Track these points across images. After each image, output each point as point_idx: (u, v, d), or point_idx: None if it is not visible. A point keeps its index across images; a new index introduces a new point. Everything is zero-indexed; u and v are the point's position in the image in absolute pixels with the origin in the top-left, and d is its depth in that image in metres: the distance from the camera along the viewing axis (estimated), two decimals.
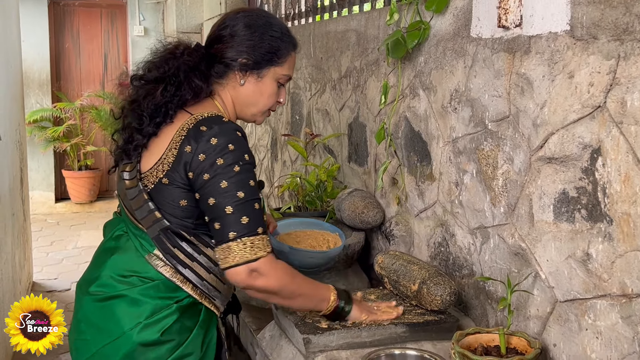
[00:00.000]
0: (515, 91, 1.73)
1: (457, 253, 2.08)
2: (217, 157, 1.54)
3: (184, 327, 1.63)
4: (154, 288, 1.62)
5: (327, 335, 1.76)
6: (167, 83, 1.66)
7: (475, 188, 1.95)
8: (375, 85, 2.59)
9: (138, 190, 1.64)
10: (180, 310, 1.63)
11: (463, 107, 1.98)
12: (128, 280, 1.63)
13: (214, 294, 1.68)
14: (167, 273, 1.63)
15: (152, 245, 1.64)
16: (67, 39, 8.09)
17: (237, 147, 1.57)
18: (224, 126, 1.59)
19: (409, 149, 2.33)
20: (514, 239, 1.78)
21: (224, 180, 1.53)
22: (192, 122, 1.59)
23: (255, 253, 1.54)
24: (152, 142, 1.66)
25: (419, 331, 1.83)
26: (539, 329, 1.70)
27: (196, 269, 1.65)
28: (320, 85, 3.23)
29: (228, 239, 1.53)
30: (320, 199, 2.76)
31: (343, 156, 2.96)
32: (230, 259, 1.54)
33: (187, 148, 1.56)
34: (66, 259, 5.74)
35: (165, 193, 1.61)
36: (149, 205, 1.62)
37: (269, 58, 1.71)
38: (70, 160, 7.78)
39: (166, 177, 1.59)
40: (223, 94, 1.73)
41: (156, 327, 1.59)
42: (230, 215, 1.53)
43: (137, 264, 1.64)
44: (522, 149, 1.73)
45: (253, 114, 1.78)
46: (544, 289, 1.68)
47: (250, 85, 1.72)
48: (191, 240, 1.64)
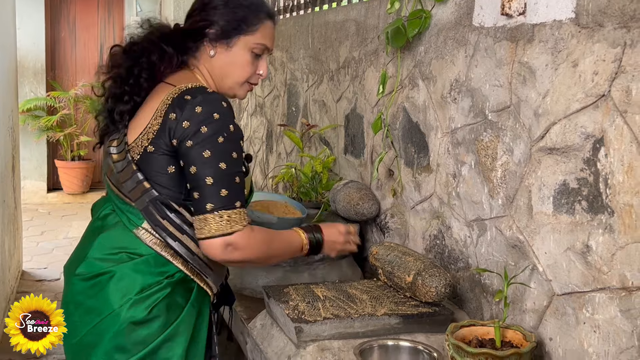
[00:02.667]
0: (517, 80, 1.70)
1: (452, 246, 2.05)
2: (201, 126, 1.53)
3: (175, 304, 1.60)
4: (143, 263, 1.59)
5: (319, 325, 1.73)
6: (143, 52, 1.68)
7: (473, 180, 1.92)
8: (373, 76, 2.55)
9: (126, 162, 1.62)
10: (170, 285, 1.60)
11: (463, 97, 1.95)
12: (117, 257, 1.60)
13: (206, 270, 1.65)
14: (156, 247, 1.60)
15: (140, 219, 1.61)
16: (63, 28, 8.02)
17: (222, 117, 1.56)
18: (209, 96, 1.59)
19: (406, 140, 2.30)
20: (511, 231, 1.75)
21: (207, 150, 1.52)
22: (177, 92, 1.59)
23: (231, 227, 1.52)
24: (138, 113, 1.66)
25: (413, 323, 1.81)
26: (535, 322, 1.67)
27: (186, 242, 1.62)
28: (318, 76, 3.20)
29: (205, 210, 1.52)
30: (315, 191, 2.73)
31: (339, 148, 2.93)
32: (206, 230, 1.52)
33: (172, 115, 1.56)
34: (56, 249, 5.70)
35: (152, 161, 1.59)
36: (137, 176, 1.60)
37: (235, 26, 1.69)
38: (64, 150, 7.71)
39: (151, 144, 1.58)
40: (200, 67, 1.73)
41: (145, 303, 1.56)
42: (210, 186, 1.52)
43: (125, 240, 1.61)
44: (522, 139, 1.70)
45: (230, 87, 1.75)
46: (541, 281, 1.65)
47: (221, 56, 1.71)
48: (180, 211, 1.61)
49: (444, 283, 1.83)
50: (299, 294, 1.92)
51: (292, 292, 1.94)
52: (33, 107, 7.44)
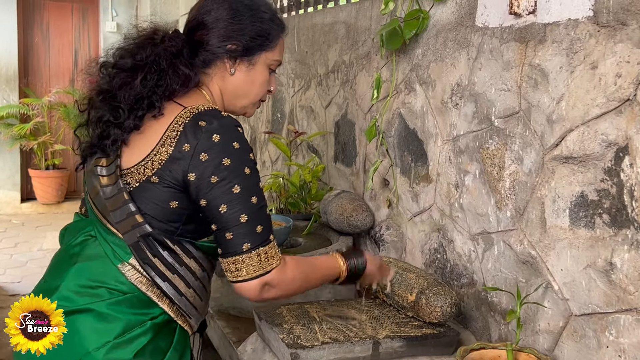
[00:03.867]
0: (528, 84, 1.59)
1: (455, 260, 1.93)
2: (222, 158, 1.36)
3: (158, 349, 1.43)
4: (126, 302, 1.41)
5: (317, 350, 1.60)
6: (147, 72, 1.47)
7: (478, 190, 1.80)
8: (366, 80, 2.43)
9: (117, 188, 1.43)
10: (154, 328, 1.43)
11: (466, 102, 1.83)
12: (95, 291, 1.41)
13: (190, 311, 1.49)
14: (142, 285, 1.42)
15: (127, 253, 1.43)
16: (36, 34, 7.80)
17: (242, 145, 1.40)
18: (224, 121, 1.41)
19: (402, 148, 2.18)
20: (522, 245, 1.63)
21: (235, 185, 1.36)
22: (188, 115, 1.41)
23: (270, 264, 1.40)
24: (134, 137, 1.47)
25: (417, 345, 1.68)
26: (550, 344, 1.55)
27: (176, 282, 1.45)
28: (305, 81, 3.07)
29: (242, 251, 1.38)
30: (304, 201, 2.60)
31: (329, 156, 2.80)
32: (244, 272, 1.39)
33: (186, 146, 1.37)
34: (31, 262, 5.48)
35: (152, 193, 1.41)
36: (129, 207, 1.42)
37: (260, 42, 1.53)
38: (37, 159, 7.48)
39: (156, 175, 1.40)
40: (211, 85, 1.55)
41: (129, 347, 1.38)
42: (245, 224, 1.37)
43: (106, 274, 1.43)
44: (533, 147, 1.58)
45: (244, 106, 1.60)
46: (557, 301, 1.53)
47: (241, 75, 1.54)
48: (174, 249, 1.44)
49: (450, 302, 1.71)
50: (293, 315, 1.78)
51: (285, 313, 1.80)
52: (5, 115, 7.20)
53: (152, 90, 1.46)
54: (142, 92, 1.46)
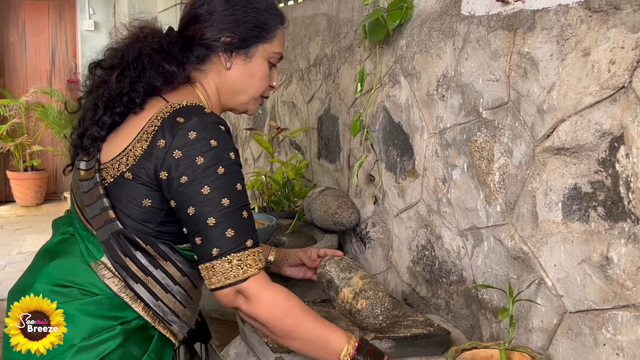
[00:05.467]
0: (517, 74, 1.53)
1: (444, 257, 1.87)
2: (196, 156, 1.29)
3: (130, 356, 1.36)
4: (96, 304, 1.35)
5: None
6: (125, 69, 1.43)
7: (466, 184, 1.74)
8: (348, 74, 2.36)
9: (93, 182, 1.38)
10: (125, 334, 1.36)
11: (452, 94, 1.78)
12: (65, 291, 1.36)
13: (170, 317, 1.42)
14: (114, 286, 1.36)
15: (100, 251, 1.37)
16: (12, 33, 7.66)
17: (221, 143, 1.31)
18: (205, 118, 1.33)
19: (387, 143, 2.12)
20: (513, 241, 1.57)
21: (205, 185, 1.28)
22: (168, 110, 1.35)
23: (243, 272, 1.29)
24: (114, 132, 1.43)
25: (406, 346, 1.61)
26: (544, 343, 1.50)
27: (150, 285, 1.38)
28: (286, 76, 3.00)
29: (211, 257, 1.29)
30: (287, 199, 2.53)
31: (312, 152, 2.73)
32: (215, 280, 1.30)
33: (160, 142, 1.31)
34: (9, 265, 5.38)
35: (126, 189, 1.36)
36: (103, 202, 1.36)
37: (256, 34, 1.47)
38: (15, 160, 7.36)
39: (130, 171, 1.34)
40: (205, 82, 1.49)
41: (92, 353, 1.32)
42: (213, 227, 1.28)
43: (79, 273, 1.37)
44: (523, 139, 1.52)
45: (244, 103, 1.53)
46: (550, 297, 1.47)
47: (238, 68, 1.48)
48: (147, 250, 1.37)
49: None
50: None
51: None
52: None
53: (130, 87, 1.41)
54: (118, 89, 1.41)
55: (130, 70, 1.42)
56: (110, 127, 1.43)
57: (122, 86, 1.41)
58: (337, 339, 1.35)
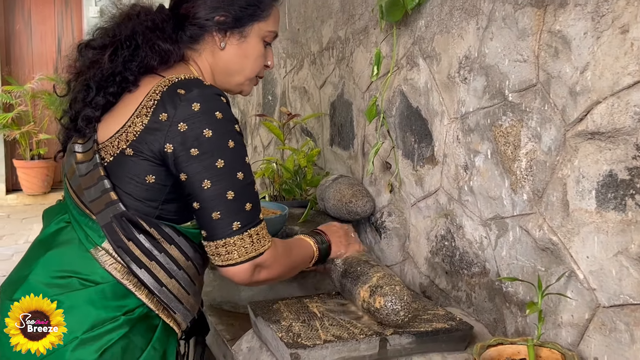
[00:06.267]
0: (547, 53, 1.44)
1: (465, 248, 1.79)
2: (203, 129, 1.26)
3: (133, 347, 1.31)
4: (98, 293, 1.30)
5: (320, 350, 1.46)
6: (118, 47, 1.38)
7: (490, 172, 1.66)
8: (363, 57, 2.27)
9: (93, 164, 1.33)
10: (129, 324, 1.31)
11: (475, 76, 1.69)
12: (65, 282, 1.30)
13: (174, 305, 1.37)
14: (116, 273, 1.31)
15: (101, 236, 1.32)
16: (18, 21, 7.61)
17: (225, 116, 1.30)
18: (206, 90, 1.31)
19: (404, 129, 2.03)
20: (542, 231, 1.49)
21: (219, 159, 1.27)
22: (167, 84, 1.31)
23: (262, 245, 1.34)
24: (110, 112, 1.38)
25: (427, 341, 1.54)
26: (574, 338, 1.42)
27: (154, 270, 1.33)
28: (297, 60, 2.91)
29: (231, 231, 1.30)
30: (299, 187, 2.46)
31: (324, 139, 2.65)
32: (235, 255, 1.31)
33: (163, 115, 1.28)
34: (17, 255, 5.35)
35: (127, 166, 1.31)
36: (104, 184, 1.31)
37: (251, 12, 1.44)
38: (22, 149, 7.33)
39: (131, 147, 1.30)
40: (199, 60, 1.46)
41: (95, 345, 1.27)
42: (233, 202, 1.28)
43: (78, 262, 1.32)
44: (553, 123, 1.44)
45: (239, 83, 1.50)
46: (582, 291, 1.39)
47: (232, 48, 1.45)
48: (151, 232, 1.32)
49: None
50: (292, 310, 1.64)
51: (282, 308, 1.65)
52: None
53: (124, 66, 1.37)
54: (112, 69, 1.37)
55: (124, 49, 1.38)
56: (105, 107, 1.39)
57: (114, 65, 1.37)
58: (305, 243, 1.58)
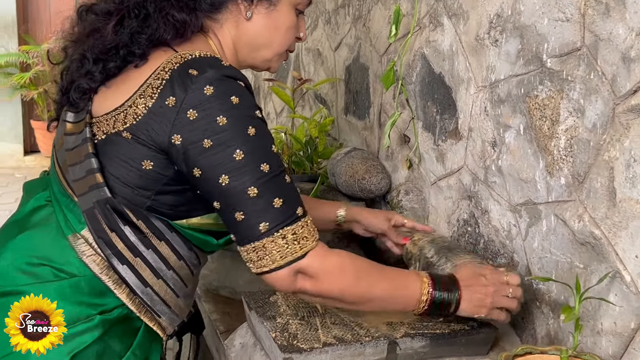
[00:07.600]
0: (595, 11, 1.21)
1: (490, 236, 1.59)
2: (216, 115, 1.11)
3: (110, 352, 1.19)
4: (72, 287, 1.18)
5: (317, 354, 1.28)
6: (125, 16, 1.22)
7: (522, 150, 1.45)
8: (382, 15, 2.08)
9: (82, 138, 1.20)
10: (105, 325, 1.18)
11: (508, 38, 1.47)
12: (36, 270, 1.19)
13: (159, 308, 1.23)
14: (95, 266, 1.18)
15: (81, 222, 1.19)
16: None
17: (243, 101, 1.14)
18: (222, 70, 1.15)
19: (425, 98, 1.83)
20: (582, 222, 1.28)
21: (237, 150, 1.11)
22: (178, 61, 1.15)
23: (301, 247, 1.15)
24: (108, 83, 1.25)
25: (443, 345, 1.36)
26: (617, 349, 1.22)
27: (139, 268, 1.19)
28: (311, 19, 2.73)
29: (260, 234, 1.13)
30: (310, 160, 2.30)
31: (338, 107, 2.48)
32: (268, 260, 1.14)
33: (170, 100, 1.12)
34: None
35: (122, 148, 1.16)
36: (90, 162, 1.17)
37: None
38: (40, 109, 7.27)
39: (128, 131, 1.15)
40: (220, 33, 1.30)
41: (65, 348, 1.16)
42: (256, 198, 1.12)
43: (53, 248, 1.20)
44: (600, 95, 1.21)
45: (266, 59, 1.34)
46: (628, 295, 1.18)
47: (260, 18, 1.29)
48: (138, 225, 1.18)
49: None
50: (290, 305, 1.45)
51: (280, 301, 1.47)
52: (4, 64, 7.00)
53: (131, 39, 1.21)
54: (115, 41, 1.21)
55: (131, 18, 1.22)
56: (103, 79, 1.24)
57: (119, 37, 1.22)
58: (412, 283, 1.26)
